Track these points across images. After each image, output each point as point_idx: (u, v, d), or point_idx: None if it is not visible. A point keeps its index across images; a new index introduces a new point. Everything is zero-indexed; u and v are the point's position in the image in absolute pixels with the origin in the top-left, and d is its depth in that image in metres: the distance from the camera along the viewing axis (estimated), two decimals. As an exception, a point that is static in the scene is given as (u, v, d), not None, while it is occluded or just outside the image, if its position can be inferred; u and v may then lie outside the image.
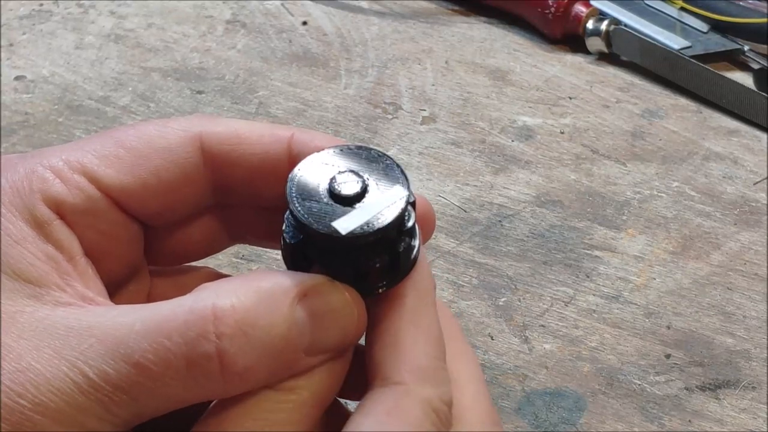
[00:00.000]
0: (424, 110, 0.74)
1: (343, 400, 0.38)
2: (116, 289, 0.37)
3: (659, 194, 0.66)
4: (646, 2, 0.81)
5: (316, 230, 0.32)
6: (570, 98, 0.75)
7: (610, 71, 0.78)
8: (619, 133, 0.72)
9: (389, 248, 0.33)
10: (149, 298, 0.39)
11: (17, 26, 0.82)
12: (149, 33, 0.82)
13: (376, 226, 0.32)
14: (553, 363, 0.55)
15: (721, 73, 0.74)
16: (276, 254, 0.36)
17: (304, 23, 0.83)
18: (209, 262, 0.43)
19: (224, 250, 0.42)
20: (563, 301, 0.58)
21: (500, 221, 0.64)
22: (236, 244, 0.42)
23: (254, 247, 0.59)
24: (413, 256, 0.34)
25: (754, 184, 0.67)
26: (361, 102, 0.74)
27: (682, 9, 0.80)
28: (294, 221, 0.33)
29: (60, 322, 0.31)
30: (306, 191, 0.33)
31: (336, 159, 0.34)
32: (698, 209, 0.65)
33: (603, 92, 0.76)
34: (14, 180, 0.34)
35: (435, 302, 0.35)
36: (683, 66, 0.75)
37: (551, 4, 0.80)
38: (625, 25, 0.78)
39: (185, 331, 0.30)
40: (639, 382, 0.54)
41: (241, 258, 0.60)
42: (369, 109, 0.74)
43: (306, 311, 0.32)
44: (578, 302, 0.58)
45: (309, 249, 0.33)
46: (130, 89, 0.75)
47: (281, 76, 0.77)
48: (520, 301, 0.58)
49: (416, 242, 0.34)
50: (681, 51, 0.76)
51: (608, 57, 0.79)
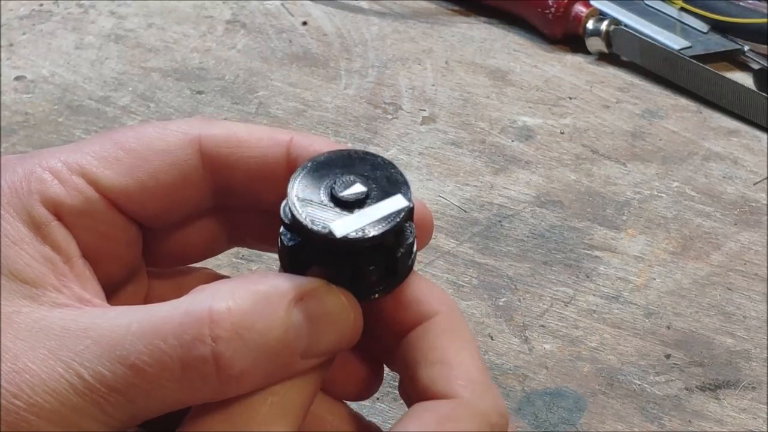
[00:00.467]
0: (424, 110, 0.74)
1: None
2: (114, 291, 0.37)
3: (659, 194, 0.66)
4: (646, 2, 0.81)
5: (312, 231, 0.32)
6: (570, 98, 0.75)
7: (610, 71, 0.78)
8: (619, 133, 0.71)
9: (387, 253, 0.33)
10: (147, 300, 0.39)
11: (17, 26, 0.82)
12: (149, 33, 0.82)
13: (373, 233, 0.32)
14: (553, 363, 0.55)
15: (721, 74, 0.74)
16: (276, 255, 0.36)
17: (304, 23, 0.83)
18: (209, 263, 0.43)
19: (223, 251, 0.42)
20: (563, 302, 0.58)
21: (500, 221, 0.64)
22: (235, 247, 0.42)
23: (254, 248, 0.59)
24: (410, 262, 0.34)
25: (754, 184, 0.67)
26: (361, 102, 0.74)
27: (682, 9, 0.80)
28: (292, 223, 0.33)
29: (56, 323, 0.31)
30: (306, 193, 0.33)
31: (340, 163, 0.34)
32: (698, 209, 0.65)
33: (603, 92, 0.76)
34: (12, 181, 0.34)
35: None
36: (683, 66, 0.75)
37: (551, 4, 0.79)
38: (625, 25, 0.78)
39: (181, 334, 0.30)
40: (639, 383, 0.54)
41: (241, 258, 0.60)
42: (369, 110, 0.74)
43: (303, 314, 0.32)
44: (578, 302, 0.58)
45: (306, 252, 0.33)
46: (130, 89, 0.75)
47: (281, 77, 0.77)
48: (520, 301, 0.58)
49: (414, 248, 0.34)
50: (681, 51, 0.76)
51: (608, 57, 0.79)
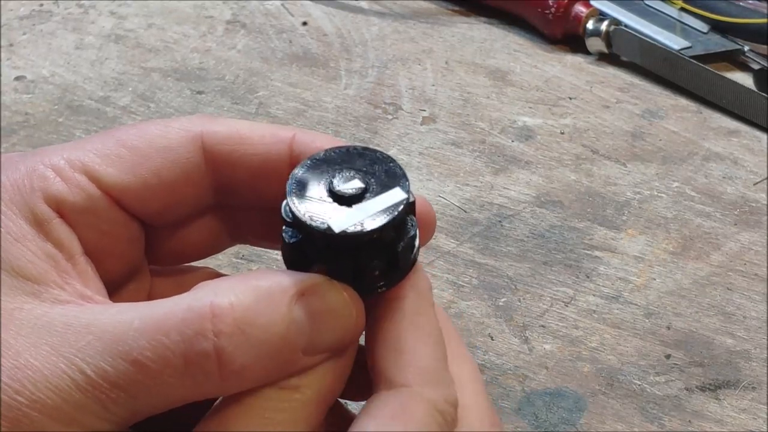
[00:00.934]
0: (424, 110, 0.74)
1: (344, 401, 0.38)
2: (116, 289, 0.37)
3: (659, 194, 0.66)
4: (646, 2, 0.81)
5: (311, 227, 0.32)
6: (570, 98, 0.75)
7: (610, 71, 0.78)
8: (619, 134, 0.72)
9: (388, 248, 0.33)
10: (149, 298, 0.39)
11: (17, 26, 0.82)
12: (149, 33, 0.82)
13: (372, 227, 0.32)
14: (553, 363, 0.55)
15: (721, 74, 0.74)
16: (276, 254, 0.36)
17: (304, 23, 0.83)
18: (209, 262, 0.43)
19: (224, 250, 0.42)
20: (563, 302, 0.58)
21: (500, 221, 0.64)
22: (237, 244, 0.42)
23: (254, 247, 0.59)
24: (413, 257, 0.34)
25: (754, 185, 0.67)
26: (361, 102, 0.74)
27: (682, 9, 0.80)
28: (292, 220, 0.33)
29: (58, 320, 0.31)
30: (306, 189, 0.33)
31: (339, 159, 0.34)
32: (698, 209, 0.65)
33: (603, 92, 0.76)
34: (15, 178, 0.34)
35: (433, 303, 0.35)
36: (683, 66, 0.75)
37: (551, 5, 0.80)
38: (625, 26, 0.78)
39: (183, 329, 0.30)
40: (639, 383, 0.54)
41: (242, 258, 0.60)
42: (369, 110, 0.74)
43: (304, 310, 0.32)
44: (578, 302, 0.58)
45: (308, 248, 0.33)
46: (130, 89, 0.75)
47: (281, 77, 0.77)
48: (520, 302, 0.58)
49: (416, 243, 0.34)
50: (681, 51, 0.76)
51: (608, 57, 0.79)
